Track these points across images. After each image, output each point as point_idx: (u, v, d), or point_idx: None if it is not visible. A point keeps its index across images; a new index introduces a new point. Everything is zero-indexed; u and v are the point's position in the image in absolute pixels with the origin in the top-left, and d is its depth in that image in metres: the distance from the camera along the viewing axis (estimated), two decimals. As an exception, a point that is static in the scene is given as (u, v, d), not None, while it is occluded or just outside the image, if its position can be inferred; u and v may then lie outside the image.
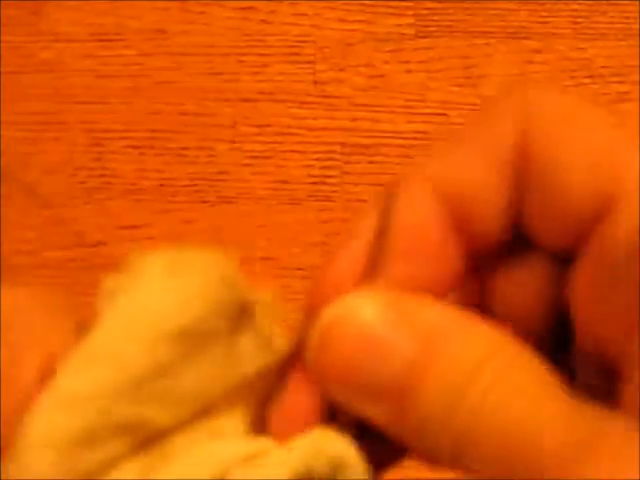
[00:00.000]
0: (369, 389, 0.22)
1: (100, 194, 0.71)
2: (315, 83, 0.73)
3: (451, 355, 0.22)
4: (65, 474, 0.22)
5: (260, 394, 0.25)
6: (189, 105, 0.73)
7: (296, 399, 0.24)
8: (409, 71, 0.73)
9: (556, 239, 0.24)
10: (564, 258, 0.24)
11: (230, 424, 0.25)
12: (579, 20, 0.74)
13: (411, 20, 0.74)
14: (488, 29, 0.74)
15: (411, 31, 0.74)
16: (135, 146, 0.73)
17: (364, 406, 0.23)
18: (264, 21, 0.75)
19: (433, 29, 0.74)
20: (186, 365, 0.23)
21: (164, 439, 0.24)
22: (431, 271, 0.24)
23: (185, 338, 0.23)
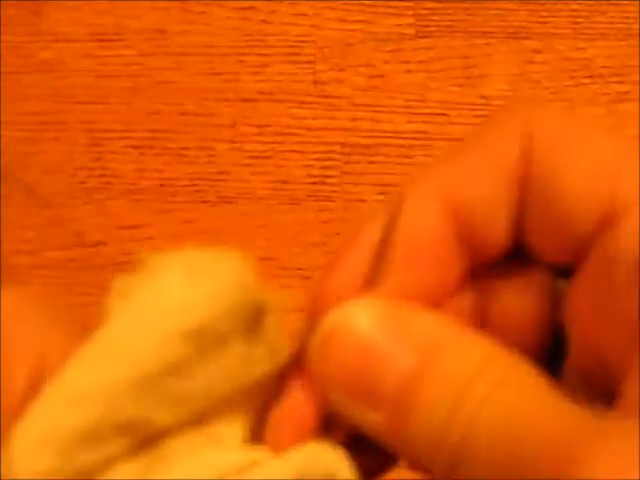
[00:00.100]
0: (366, 398, 0.22)
1: (100, 194, 0.71)
2: (315, 83, 0.73)
3: (448, 366, 0.22)
4: (64, 473, 0.22)
5: (260, 400, 0.25)
6: (189, 105, 0.73)
7: (295, 407, 0.24)
8: (409, 71, 0.73)
9: (556, 253, 0.24)
10: (563, 272, 0.24)
11: (229, 430, 0.25)
12: (579, 20, 0.74)
13: (411, 20, 0.74)
14: (488, 29, 0.74)
15: (411, 31, 0.74)
16: (135, 146, 0.73)
17: (361, 415, 0.23)
18: (264, 21, 0.75)
19: (433, 29, 0.74)
20: (197, 365, 0.23)
21: (162, 441, 0.24)
22: (432, 280, 0.24)
23: (198, 338, 0.23)
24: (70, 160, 0.72)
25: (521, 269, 0.25)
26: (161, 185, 0.72)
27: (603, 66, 0.73)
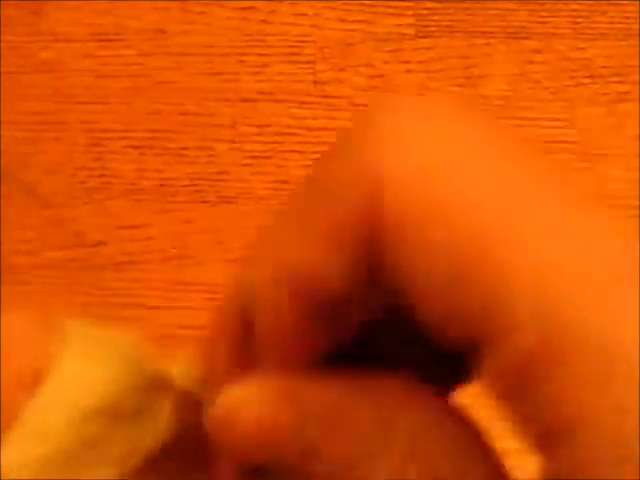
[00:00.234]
0: (276, 460, 0.22)
1: (100, 194, 0.71)
2: (315, 83, 0.73)
3: (345, 435, 0.21)
4: None
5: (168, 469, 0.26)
6: (189, 105, 0.73)
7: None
8: (409, 71, 0.73)
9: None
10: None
11: None
12: (579, 20, 0.74)
13: (411, 20, 0.74)
14: (488, 29, 0.74)
15: (411, 31, 0.74)
16: (135, 146, 0.73)
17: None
18: (264, 21, 0.75)
19: (433, 29, 0.74)
20: (108, 438, 0.24)
21: None
22: (307, 350, 0.23)
23: (98, 416, 0.24)
24: (70, 160, 0.72)
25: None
26: (161, 185, 0.72)
27: (603, 66, 0.73)
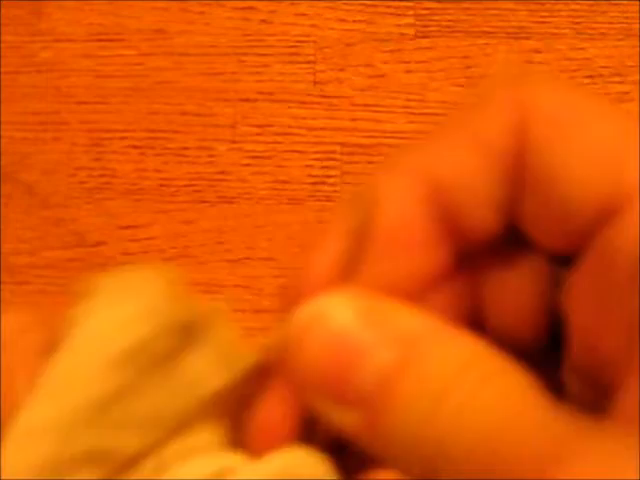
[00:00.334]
0: (342, 395, 0.21)
1: (100, 194, 0.71)
2: (315, 83, 0.73)
3: (428, 364, 0.21)
4: None
5: (235, 406, 0.25)
6: (189, 105, 0.73)
7: (272, 411, 0.23)
8: (409, 71, 0.73)
9: (554, 241, 0.23)
10: (562, 261, 0.23)
11: (204, 440, 0.24)
12: (579, 20, 0.74)
13: (411, 20, 0.74)
14: (488, 29, 0.74)
15: (411, 31, 0.74)
16: (135, 146, 0.73)
17: (337, 413, 0.21)
18: (264, 21, 0.75)
19: (433, 29, 0.74)
20: (142, 387, 0.23)
21: (137, 465, 0.23)
22: (415, 269, 0.23)
23: (134, 361, 0.23)
24: (70, 160, 0.72)
25: (517, 257, 0.23)
26: (161, 185, 0.72)
27: (603, 66, 0.73)
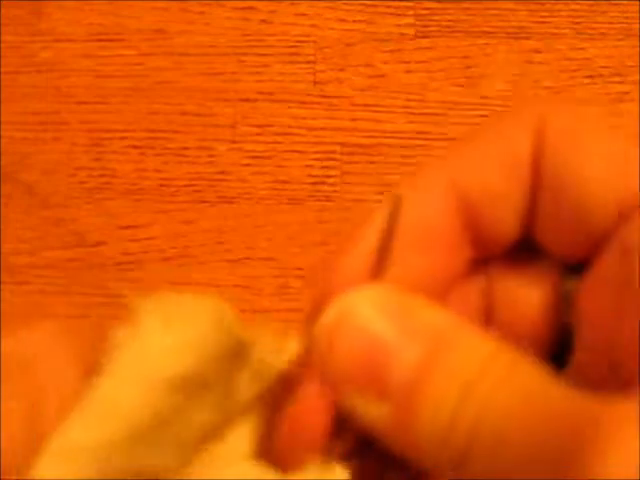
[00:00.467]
0: (370, 390, 0.22)
1: (100, 194, 0.71)
2: (315, 83, 0.73)
3: (454, 360, 0.21)
4: None
5: (265, 413, 0.25)
6: (189, 105, 0.73)
7: (303, 413, 0.24)
8: (409, 71, 0.73)
9: (569, 248, 0.24)
10: (575, 267, 0.24)
11: (234, 449, 0.24)
12: (579, 20, 0.74)
13: (411, 20, 0.74)
14: (488, 29, 0.74)
15: (411, 31, 0.74)
16: (135, 146, 0.72)
17: (366, 409, 0.22)
18: (264, 21, 0.74)
19: (433, 29, 0.74)
20: (187, 411, 0.23)
21: (171, 474, 0.24)
22: (438, 268, 0.24)
23: (183, 386, 0.23)
24: (70, 160, 0.72)
25: (531, 263, 0.25)
26: (161, 185, 0.72)
27: (603, 66, 0.73)
